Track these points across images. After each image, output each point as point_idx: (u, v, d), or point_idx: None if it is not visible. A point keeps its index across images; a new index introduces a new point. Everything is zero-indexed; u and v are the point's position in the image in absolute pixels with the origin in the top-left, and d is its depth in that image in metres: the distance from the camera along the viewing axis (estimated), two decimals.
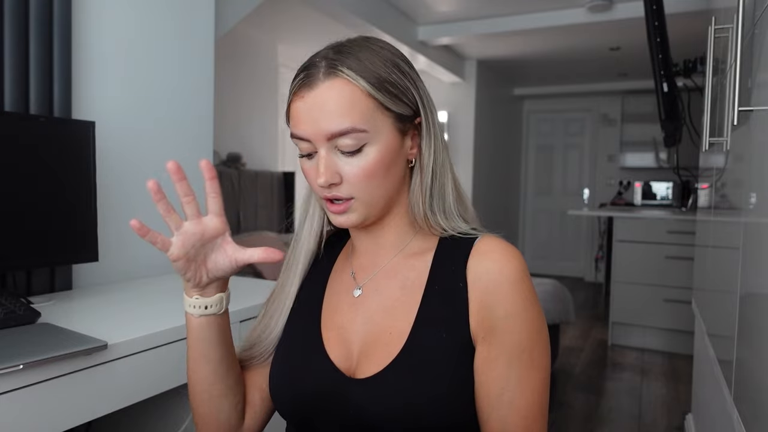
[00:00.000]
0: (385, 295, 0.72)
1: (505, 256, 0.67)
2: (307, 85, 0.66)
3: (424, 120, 0.70)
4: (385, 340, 0.68)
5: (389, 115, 0.66)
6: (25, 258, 1.20)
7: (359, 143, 0.65)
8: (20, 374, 0.81)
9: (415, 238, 0.74)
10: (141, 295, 1.35)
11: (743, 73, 0.96)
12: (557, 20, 3.69)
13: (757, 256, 0.90)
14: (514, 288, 0.66)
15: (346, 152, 0.65)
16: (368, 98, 0.65)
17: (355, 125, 0.64)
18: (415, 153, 0.71)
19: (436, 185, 0.71)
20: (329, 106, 0.64)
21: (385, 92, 0.66)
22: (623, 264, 3.68)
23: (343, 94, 0.64)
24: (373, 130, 0.65)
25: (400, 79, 0.67)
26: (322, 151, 0.66)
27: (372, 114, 0.65)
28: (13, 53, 1.24)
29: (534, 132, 6.58)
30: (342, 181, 0.66)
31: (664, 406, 2.79)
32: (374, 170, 0.66)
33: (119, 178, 1.53)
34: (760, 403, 0.80)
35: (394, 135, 0.67)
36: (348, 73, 0.65)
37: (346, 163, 0.66)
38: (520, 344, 0.65)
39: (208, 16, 1.82)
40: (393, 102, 0.66)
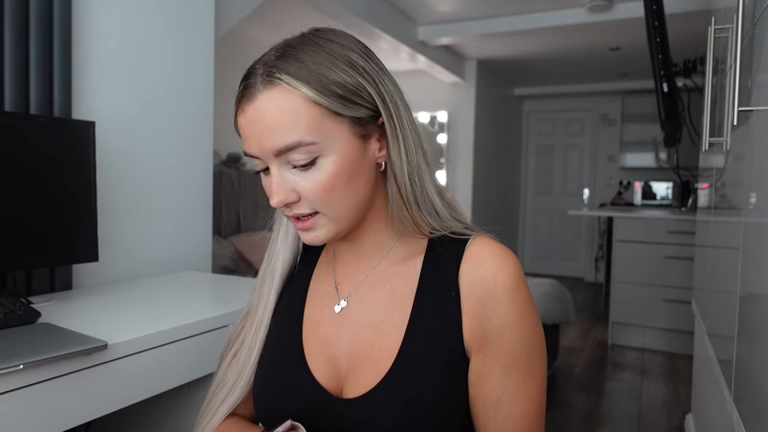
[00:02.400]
0: (372, 307, 0.67)
1: (500, 263, 0.63)
2: (247, 98, 0.60)
3: (386, 119, 0.62)
4: (374, 357, 0.64)
5: (342, 121, 0.59)
6: (25, 258, 1.20)
7: (310, 156, 0.58)
8: (20, 374, 0.81)
9: (400, 242, 0.68)
10: (141, 295, 1.35)
11: (743, 73, 0.96)
12: (557, 20, 3.69)
13: (757, 256, 0.90)
14: (509, 297, 0.61)
15: (299, 168, 0.59)
16: (313, 106, 0.58)
17: (301, 138, 0.57)
18: (384, 156, 0.64)
19: (416, 187, 0.65)
20: (270, 121, 0.58)
21: (332, 96, 0.58)
22: (623, 264, 3.68)
23: (283, 105, 0.57)
24: (324, 141, 0.58)
25: (352, 78, 0.60)
26: (273, 168, 0.60)
27: (320, 123, 0.58)
28: (13, 53, 1.24)
29: (534, 132, 6.58)
30: (300, 198, 0.60)
31: (664, 406, 2.79)
32: (332, 183, 0.59)
33: (119, 178, 1.53)
34: (760, 403, 0.80)
35: (352, 141, 0.60)
36: (287, 80, 0.58)
37: (302, 179, 0.60)
38: (517, 354, 0.62)
39: (208, 16, 1.82)
40: (344, 106, 0.59)
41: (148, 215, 1.62)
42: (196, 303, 1.34)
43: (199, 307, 1.28)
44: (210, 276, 1.68)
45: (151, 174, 1.63)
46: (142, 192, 1.61)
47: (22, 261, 1.20)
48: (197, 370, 1.12)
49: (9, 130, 1.15)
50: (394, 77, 0.66)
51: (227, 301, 1.33)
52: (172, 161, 1.70)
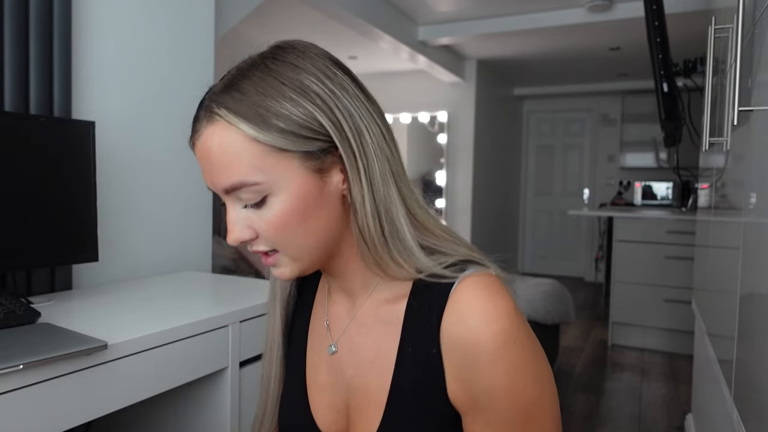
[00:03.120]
0: (360, 355, 0.63)
1: (482, 320, 0.54)
2: (195, 131, 0.57)
3: (343, 151, 0.55)
4: (365, 411, 0.61)
5: (291, 156, 0.54)
6: (25, 258, 1.20)
7: (258, 196, 0.55)
8: (20, 374, 0.81)
9: (382, 283, 0.62)
10: (141, 295, 1.35)
11: (743, 73, 0.96)
12: (557, 20, 3.69)
13: (757, 256, 0.90)
14: (494, 360, 0.53)
15: (252, 206, 0.56)
16: (253, 144, 0.53)
17: (243, 179, 0.54)
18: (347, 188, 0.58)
19: (384, 225, 0.57)
20: (214, 159, 0.55)
21: (275, 132, 0.53)
22: (623, 264, 3.68)
23: (223, 143, 0.54)
24: (270, 179, 0.54)
25: (299, 108, 0.54)
26: (228, 205, 0.57)
27: (263, 161, 0.54)
28: (13, 53, 1.24)
29: (534, 132, 6.58)
30: (258, 235, 0.57)
31: (664, 406, 2.79)
32: (284, 221, 0.56)
33: (119, 178, 1.53)
34: (760, 403, 0.80)
35: (305, 177, 0.55)
36: (225, 116, 0.54)
37: (256, 215, 0.56)
38: (509, 422, 0.55)
39: (208, 16, 1.82)
40: (289, 141, 0.54)
41: (148, 215, 1.62)
42: (196, 303, 1.34)
43: (199, 307, 1.28)
44: (210, 276, 1.68)
45: (152, 174, 1.63)
46: (142, 192, 1.61)
47: (22, 261, 1.20)
48: (197, 370, 1.12)
49: (9, 130, 1.15)
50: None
51: (227, 301, 1.33)
52: (173, 161, 1.70)
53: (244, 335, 1.22)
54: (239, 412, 1.21)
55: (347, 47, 4.24)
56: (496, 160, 5.69)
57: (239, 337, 1.21)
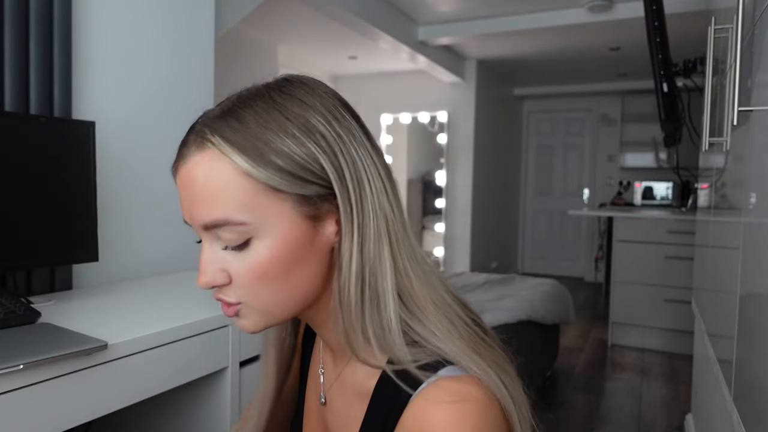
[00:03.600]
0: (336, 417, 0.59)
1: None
2: (180, 157, 0.52)
3: (341, 200, 0.50)
4: None
5: (284, 198, 0.49)
6: (25, 258, 1.20)
7: (242, 237, 0.49)
8: (20, 374, 0.81)
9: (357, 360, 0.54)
10: (141, 295, 1.35)
11: (743, 73, 0.96)
12: (557, 20, 3.69)
13: (757, 256, 0.90)
14: None
15: (232, 247, 0.50)
16: (246, 179, 0.48)
17: (228, 217, 0.48)
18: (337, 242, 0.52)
19: (365, 288, 0.50)
20: (197, 190, 0.49)
21: (271, 169, 0.48)
22: (623, 264, 3.68)
23: (211, 173, 0.48)
24: (258, 220, 0.49)
25: (302, 147, 0.49)
26: (204, 243, 0.52)
27: (254, 199, 0.48)
28: (13, 53, 1.24)
29: (534, 132, 6.58)
30: (231, 281, 0.51)
31: (664, 406, 2.79)
32: (266, 270, 0.50)
33: (119, 178, 1.53)
34: (760, 403, 0.80)
35: (296, 223, 0.50)
36: (218, 145, 0.49)
37: (234, 258, 0.50)
38: None
39: (208, 16, 1.82)
40: (285, 181, 0.48)
41: (149, 215, 1.62)
42: (196, 303, 1.34)
43: (199, 307, 1.28)
44: None
45: (152, 174, 1.63)
46: (142, 192, 1.61)
47: (22, 261, 1.20)
48: (197, 370, 1.12)
49: (9, 130, 1.15)
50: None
51: None
52: (172, 161, 1.69)
53: (244, 335, 1.22)
54: (239, 412, 1.21)
55: (347, 47, 4.24)
56: (496, 160, 5.69)
57: (239, 337, 1.21)
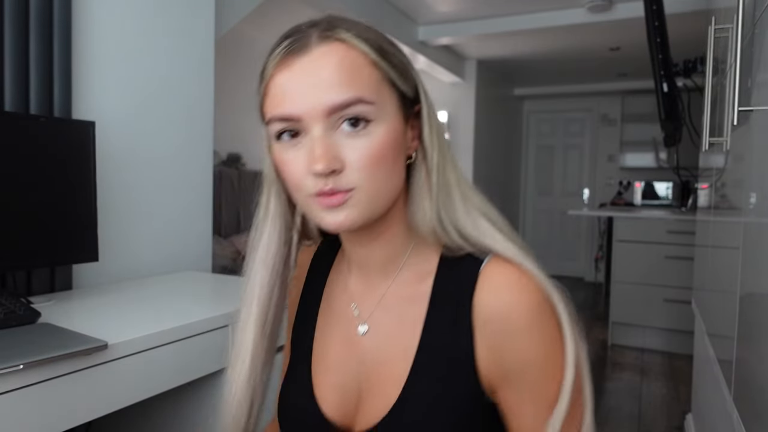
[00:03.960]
0: (380, 333, 0.61)
1: (516, 297, 0.54)
2: (297, 51, 0.53)
3: (425, 106, 0.58)
4: (381, 389, 0.59)
5: (393, 93, 0.55)
6: (25, 258, 1.20)
7: (367, 117, 0.53)
8: (20, 374, 0.81)
9: (414, 257, 0.61)
10: (141, 295, 1.35)
11: (743, 73, 0.96)
12: (557, 20, 3.69)
13: (757, 256, 0.90)
14: (528, 333, 0.54)
15: (348, 130, 0.53)
16: (373, 67, 0.54)
17: (361, 95, 0.52)
18: (416, 146, 0.59)
19: (442, 186, 0.58)
20: (328, 73, 0.52)
21: (390, 64, 0.55)
22: (623, 264, 3.68)
23: (345, 59, 0.53)
24: (379, 105, 0.53)
25: (401, 55, 0.57)
26: (316, 131, 0.52)
27: (378, 86, 0.54)
28: (13, 53, 1.24)
29: (534, 132, 6.58)
30: (343, 168, 0.53)
31: (664, 406, 2.79)
32: (382, 154, 0.53)
33: (119, 178, 1.53)
34: (760, 403, 0.80)
35: (398, 118, 0.56)
36: (348, 38, 0.54)
37: (348, 146, 0.53)
38: (544, 393, 0.55)
39: (208, 16, 1.82)
40: (398, 77, 0.56)
41: (148, 215, 1.62)
42: (196, 303, 1.34)
43: (199, 307, 1.28)
44: (210, 276, 1.68)
45: (151, 174, 1.63)
46: (142, 192, 1.61)
47: (22, 261, 1.20)
48: (197, 370, 1.12)
49: (9, 130, 1.15)
50: None
51: (227, 301, 1.33)
52: (172, 161, 1.70)
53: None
54: None
55: None
56: (496, 160, 5.69)
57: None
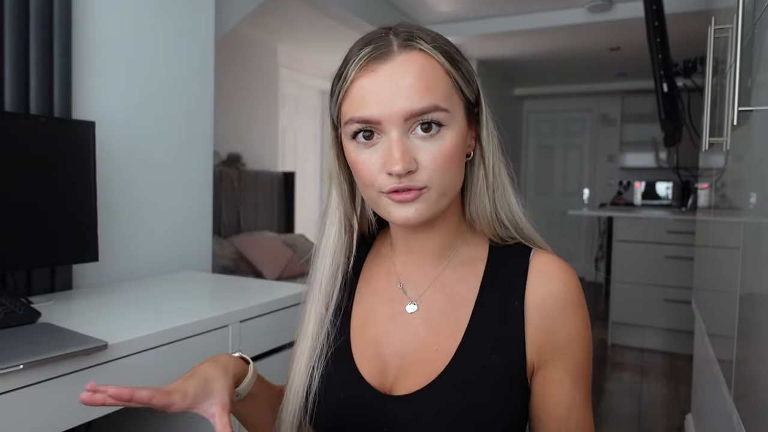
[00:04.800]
0: (430, 308, 0.65)
1: (567, 278, 0.63)
2: (380, 58, 0.57)
3: (484, 109, 0.64)
4: (430, 356, 0.63)
5: (461, 99, 0.60)
6: (25, 258, 1.20)
7: (441, 123, 0.57)
8: (20, 374, 0.81)
9: (465, 245, 0.67)
10: (141, 295, 1.35)
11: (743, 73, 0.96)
12: (557, 20, 3.69)
13: (757, 256, 0.90)
14: (576, 311, 0.63)
15: (422, 134, 0.57)
16: (447, 76, 0.59)
17: (438, 103, 0.57)
18: (473, 146, 0.65)
19: (498, 183, 0.65)
20: (410, 81, 0.56)
21: (460, 73, 0.60)
22: (623, 264, 3.68)
23: (425, 67, 0.57)
24: (452, 111, 0.58)
25: (467, 63, 0.62)
26: (394, 134, 0.57)
27: (450, 94, 0.59)
28: (13, 53, 1.24)
29: (534, 132, 6.58)
30: (417, 168, 0.57)
31: (664, 406, 2.79)
32: (451, 157, 0.58)
33: (119, 178, 1.53)
34: (760, 403, 0.80)
35: (464, 122, 0.61)
36: (426, 48, 0.58)
37: (421, 148, 0.57)
38: (583, 365, 0.64)
39: (208, 16, 1.82)
40: (466, 85, 0.61)
41: (148, 215, 1.62)
42: (196, 303, 1.34)
43: (199, 307, 1.28)
44: (210, 276, 1.68)
45: (151, 174, 1.63)
46: (142, 192, 1.61)
47: (22, 261, 1.20)
48: None
49: (9, 130, 1.15)
50: None
51: (227, 301, 1.33)
52: (172, 161, 1.70)
53: (244, 335, 1.22)
54: None
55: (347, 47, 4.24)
56: None
57: (239, 337, 1.21)
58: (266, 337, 1.29)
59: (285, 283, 1.58)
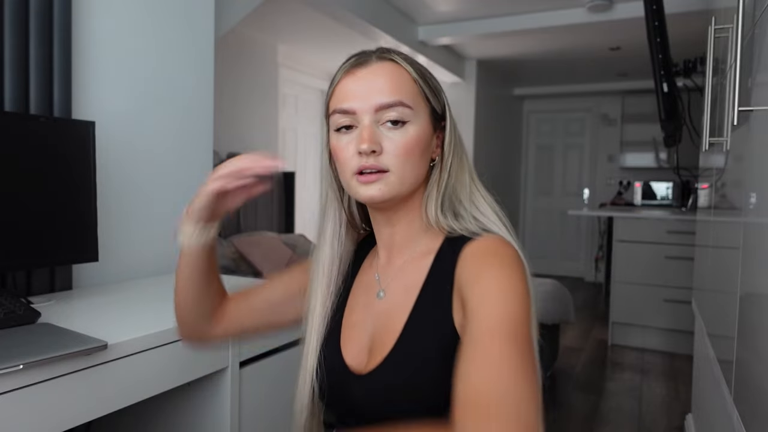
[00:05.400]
0: (392, 295, 0.75)
1: (491, 251, 0.67)
2: (360, 63, 0.72)
3: (449, 123, 0.76)
4: (385, 340, 0.71)
5: (427, 106, 0.73)
6: (25, 258, 1.20)
7: (403, 118, 0.69)
8: (20, 374, 0.81)
9: (425, 238, 0.75)
10: (141, 295, 1.35)
11: (743, 73, 0.96)
12: (557, 20, 3.69)
13: (757, 256, 0.90)
14: (490, 275, 0.63)
15: (389, 125, 0.69)
16: (414, 83, 0.72)
17: (403, 100, 0.70)
18: (438, 153, 0.75)
19: (450, 185, 0.74)
20: (381, 82, 0.70)
21: (426, 84, 0.73)
22: (623, 264, 3.68)
23: (393, 73, 0.71)
24: (415, 110, 0.70)
25: (436, 82, 0.76)
26: (365, 121, 0.70)
27: (415, 97, 0.71)
28: (13, 53, 1.24)
29: (534, 132, 6.58)
30: (382, 152, 0.69)
31: (664, 406, 2.79)
32: (412, 147, 0.70)
33: (119, 178, 1.53)
34: (760, 403, 0.80)
35: (428, 125, 0.72)
36: (398, 60, 0.72)
37: (387, 137, 0.70)
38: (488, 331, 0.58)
39: (208, 16, 1.82)
40: (432, 95, 0.74)
41: (148, 215, 1.62)
42: None
43: None
44: None
45: (151, 174, 1.63)
46: (142, 192, 1.61)
47: (22, 261, 1.20)
48: (197, 370, 1.12)
49: (9, 130, 1.15)
50: None
51: None
52: (172, 161, 1.70)
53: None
54: (239, 412, 1.21)
55: (347, 47, 4.24)
56: (496, 160, 5.69)
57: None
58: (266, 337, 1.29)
59: None
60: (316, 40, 4.04)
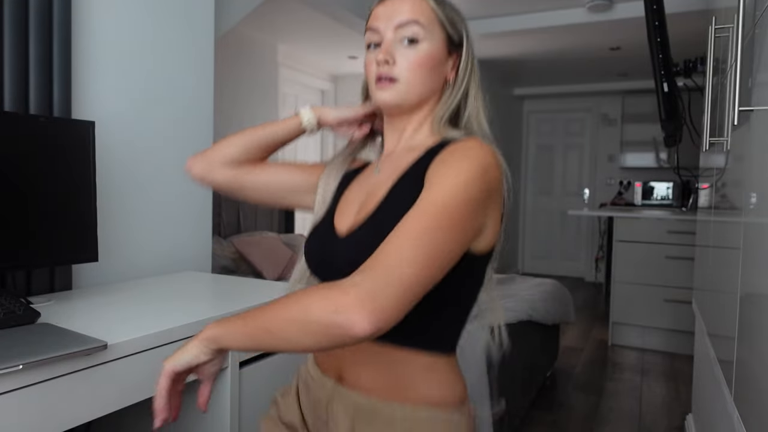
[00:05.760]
0: (384, 172, 0.86)
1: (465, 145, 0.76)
2: None
3: (465, 52, 0.87)
4: (367, 207, 0.82)
5: (442, 31, 0.83)
6: (25, 258, 1.20)
7: (417, 37, 0.81)
8: (20, 374, 0.81)
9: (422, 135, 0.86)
10: (141, 295, 1.35)
11: (743, 73, 0.96)
12: (557, 20, 3.69)
13: (757, 256, 0.90)
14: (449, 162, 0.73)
15: (406, 44, 0.81)
16: (431, 11, 0.83)
17: (418, 18, 0.81)
18: (452, 76, 0.86)
19: (460, 104, 0.86)
20: (402, 7, 0.82)
21: (444, 14, 0.84)
22: (623, 264, 3.68)
23: (416, 3, 0.83)
24: (428, 32, 0.81)
25: (458, 16, 0.86)
26: (387, 39, 0.82)
27: (431, 22, 0.82)
28: (13, 53, 1.24)
29: (534, 132, 6.58)
30: (395, 64, 0.81)
31: (664, 406, 2.79)
32: (422, 63, 0.81)
33: (119, 177, 1.53)
34: (760, 403, 0.80)
35: (442, 47, 0.83)
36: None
37: (402, 53, 0.81)
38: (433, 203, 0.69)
39: (208, 16, 1.82)
40: (449, 23, 0.84)
41: (148, 215, 1.62)
42: (196, 303, 1.34)
43: (199, 307, 1.28)
44: (210, 276, 1.68)
45: (151, 174, 1.63)
46: (141, 192, 1.61)
47: (22, 261, 1.20)
48: None
49: (9, 130, 1.15)
50: None
51: (227, 301, 1.33)
52: (172, 161, 1.70)
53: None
54: (239, 412, 1.21)
55: (347, 47, 4.24)
56: None
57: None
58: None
59: (285, 283, 1.58)
60: (316, 40, 4.04)
